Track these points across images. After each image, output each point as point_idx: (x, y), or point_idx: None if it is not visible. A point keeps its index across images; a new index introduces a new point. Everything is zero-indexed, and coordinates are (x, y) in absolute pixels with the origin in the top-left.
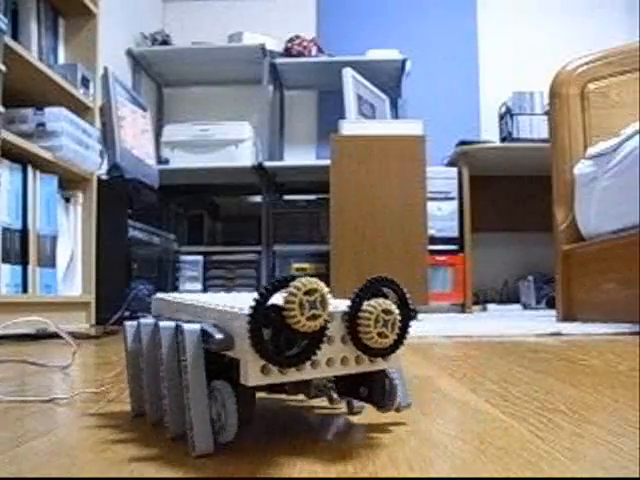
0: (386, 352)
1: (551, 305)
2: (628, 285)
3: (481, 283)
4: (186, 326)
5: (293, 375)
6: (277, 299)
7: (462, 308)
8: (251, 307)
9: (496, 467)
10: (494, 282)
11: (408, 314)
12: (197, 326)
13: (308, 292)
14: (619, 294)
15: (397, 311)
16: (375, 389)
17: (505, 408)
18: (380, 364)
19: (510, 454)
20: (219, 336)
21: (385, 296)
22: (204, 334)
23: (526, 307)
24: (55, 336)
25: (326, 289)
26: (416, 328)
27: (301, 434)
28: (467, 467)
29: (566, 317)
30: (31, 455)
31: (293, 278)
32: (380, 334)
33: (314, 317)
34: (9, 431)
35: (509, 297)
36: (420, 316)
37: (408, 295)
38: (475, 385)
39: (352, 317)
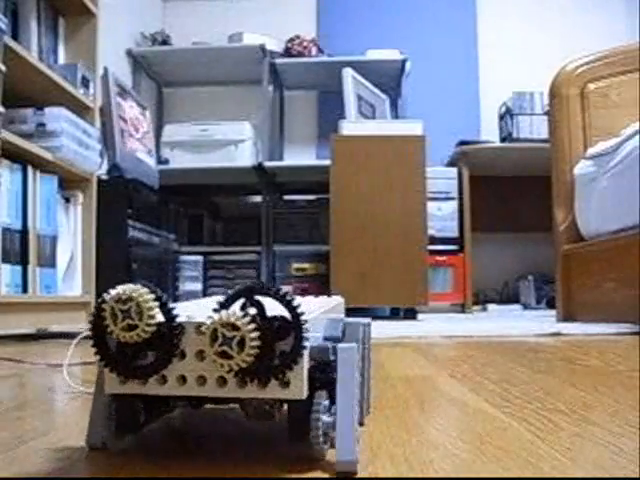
0: (248, 375)
1: (551, 305)
2: (628, 285)
3: (481, 283)
4: None
5: (154, 389)
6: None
7: (462, 308)
8: (90, 319)
9: (496, 467)
10: (494, 282)
11: (287, 327)
12: None
13: (122, 300)
14: (619, 294)
15: (250, 327)
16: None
17: (505, 408)
18: (254, 392)
19: (510, 454)
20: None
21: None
22: None
23: (526, 307)
24: (56, 336)
25: (146, 297)
26: (416, 328)
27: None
28: (467, 467)
29: (566, 317)
30: (31, 455)
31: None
32: (221, 354)
33: (130, 327)
34: (9, 431)
35: (509, 297)
36: (420, 316)
37: (285, 302)
38: (475, 385)
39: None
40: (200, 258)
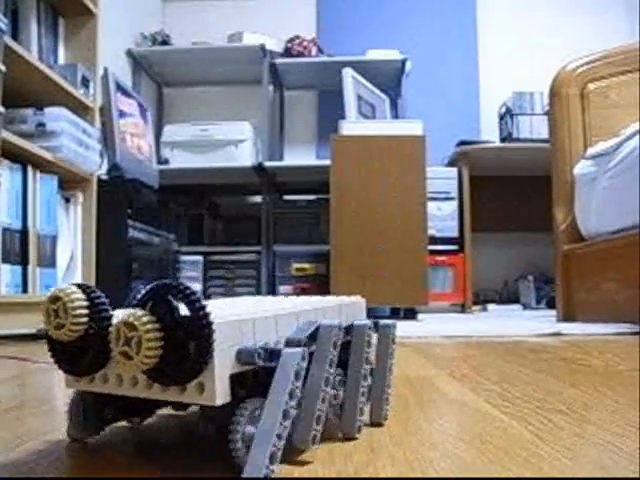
0: (155, 377)
1: (551, 305)
2: (628, 285)
3: (481, 283)
4: None
5: (97, 386)
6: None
7: (462, 308)
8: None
9: (496, 467)
10: (494, 282)
11: (184, 330)
12: None
13: (53, 300)
14: (619, 294)
15: (147, 327)
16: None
17: (505, 408)
18: (175, 395)
19: (510, 454)
20: None
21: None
22: None
23: (526, 307)
24: None
25: (73, 297)
26: (416, 328)
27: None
28: (467, 467)
29: (566, 317)
30: (31, 455)
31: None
32: (123, 354)
33: (60, 326)
34: (9, 431)
35: (509, 297)
36: (420, 316)
37: (188, 306)
38: (475, 385)
39: None
40: (200, 258)
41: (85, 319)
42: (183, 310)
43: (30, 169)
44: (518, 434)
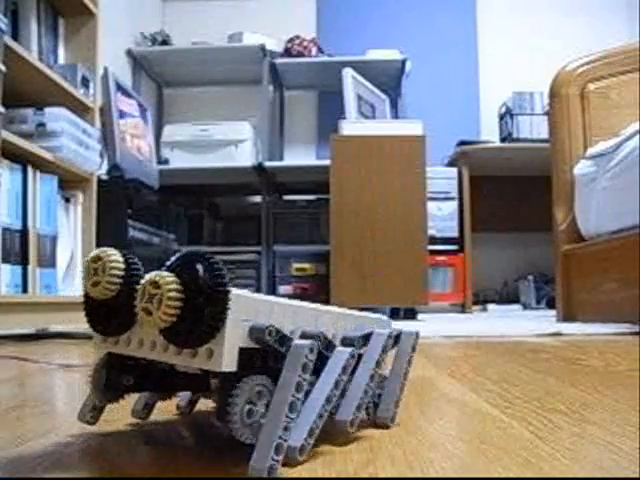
0: (170, 337)
1: (551, 305)
2: (628, 285)
3: (481, 283)
4: None
5: (121, 348)
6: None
7: (462, 308)
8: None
9: (496, 467)
10: (494, 282)
11: (203, 293)
12: None
13: (94, 260)
14: (619, 294)
15: (170, 286)
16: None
17: (505, 408)
18: (187, 359)
19: (510, 454)
20: None
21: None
22: None
23: (526, 307)
24: (56, 336)
25: (113, 258)
26: (416, 328)
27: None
28: (467, 467)
29: (566, 317)
30: (30, 455)
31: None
32: (144, 310)
33: (96, 283)
34: (9, 431)
35: (509, 297)
36: (420, 316)
37: (210, 271)
38: (475, 385)
39: None
40: None
41: (119, 280)
42: (205, 277)
43: (30, 169)
44: (518, 434)
